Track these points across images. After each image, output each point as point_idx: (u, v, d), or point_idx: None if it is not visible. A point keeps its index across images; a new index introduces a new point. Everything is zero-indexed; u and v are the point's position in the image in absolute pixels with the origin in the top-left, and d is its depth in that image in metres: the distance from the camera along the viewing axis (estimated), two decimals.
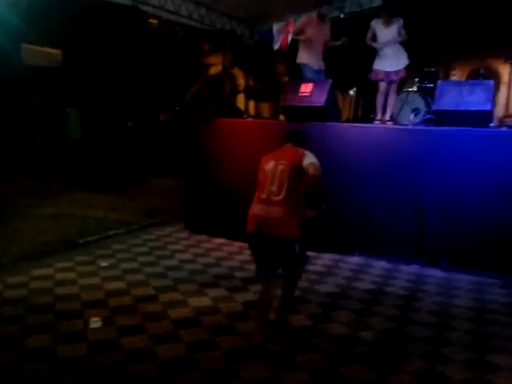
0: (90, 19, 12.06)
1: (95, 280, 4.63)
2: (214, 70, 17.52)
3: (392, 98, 6.55)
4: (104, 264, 5.09)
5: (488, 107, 5.06)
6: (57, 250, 5.47)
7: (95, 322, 3.68)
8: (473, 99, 5.09)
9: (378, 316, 4.01)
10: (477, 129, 5.09)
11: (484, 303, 4.37)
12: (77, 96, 13.26)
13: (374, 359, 3.28)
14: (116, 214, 7.26)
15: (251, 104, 20.90)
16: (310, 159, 3.43)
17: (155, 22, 15.25)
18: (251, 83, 18.59)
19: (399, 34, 6.23)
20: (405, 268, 5.30)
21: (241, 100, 19.38)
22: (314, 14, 6.56)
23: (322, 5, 6.46)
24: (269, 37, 10.33)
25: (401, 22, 6.25)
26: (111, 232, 6.31)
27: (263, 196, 3.36)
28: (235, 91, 18.43)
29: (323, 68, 6.72)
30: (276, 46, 7.15)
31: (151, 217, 7.20)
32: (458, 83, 6.63)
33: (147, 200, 8.34)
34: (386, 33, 6.27)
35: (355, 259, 5.58)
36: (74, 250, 5.56)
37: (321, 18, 6.50)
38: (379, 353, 3.39)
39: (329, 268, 5.27)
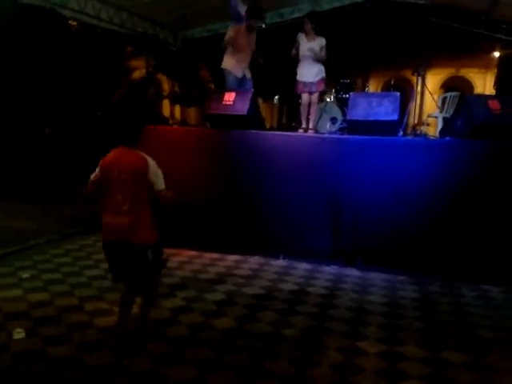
0: (6, 21, 11.47)
1: (17, 292, 4.48)
2: (137, 74, 17.25)
3: (314, 108, 6.90)
4: (25, 275, 4.92)
5: (395, 117, 5.52)
6: None
7: (18, 333, 3.59)
8: (381, 110, 5.53)
9: (301, 314, 4.25)
10: (384, 137, 5.54)
11: (395, 299, 4.75)
12: None
13: (296, 354, 3.50)
14: (37, 223, 7.01)
15: (177, 109, 20.82)
16: (155, 171, 3.40)
17: (75, 23, 14.78)
18: (176, 88, 18.50)
19: (320, 51, 6.56)
20: (325, 269, 5.63)
21: (166, 105, 19.22)
22: (243, 25, 6.77)
23: (253, 18, 6.68)
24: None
25: (323, 41, 6.59)
26: (32, 242, 6.09)
27: (111, 204, 3.35)
28: (160, 96, 18.27)
29: (249, 76, 6.90)
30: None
31: (74, 226, 7.02)
32: (368, 95, 7.12)
33: (71, 208, 8.11)
34: (308, 46, 6.58)
35: (280, 262, 5.83)
36: None
37: (249, 29, 6.72)
38: (301, 348, 3.61)
39: (255, 271, 5.46)
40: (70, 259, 5.64)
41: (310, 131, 6.79)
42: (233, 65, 6.72)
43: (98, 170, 3.46)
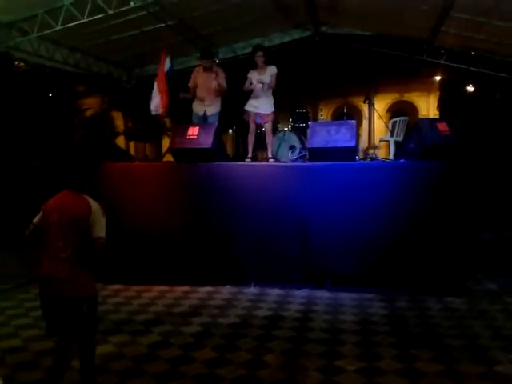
0: None
1: None
2: (90, 113, 17.14)
3: (269, 138, 7.12)
4: None
5: (352, 143, 5.82)
6: None
7: None
8: (339, 137, 5.83)
9: (278, 339, 4.34)
10: (344, 162, 5.83)
11: (367, 316, 4.93)
12: None
13: (279, 378, 3.58)
14: (2, 267, 6.78)
15: (132, 145, 20.70)
16: (98, 218, 3.20)
17: (22, 64, 14.62)
18: (130, 124, 18.47)
19: (271, 79, 6.80)
20: (296, 293, 5.76)
21: (121, 142, 19.09)
22: (201, 66, 7.13)
23: (203, 59, 7.04)
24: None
25: (274, 69, 6.85)
26: None
27: (50, 252, 3.16)
28: (114, 133, 18.16)
29: (212, 112, 7.11)
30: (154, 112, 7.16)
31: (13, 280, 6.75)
32: (326, 124, 7.44)
33: (35, 252, 7.86)
34: (258, 79, 6.83)
35: (252, 290, 5.91)
36: None
37: (205, 69, 7.00)
38: (281, 372, 3.69)
39: (228, 301, 5.52)
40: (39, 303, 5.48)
41: (270, 160, 6.99)
42: (195, 104, 7.10)
43: (41, 213, 3.31)
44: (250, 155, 7.15)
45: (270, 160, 6.98)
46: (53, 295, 3.10)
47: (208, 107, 7.05)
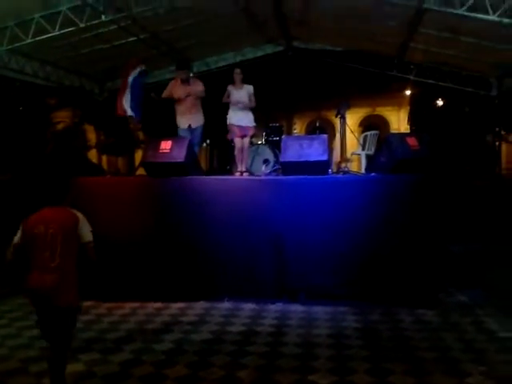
0: None
1: None
2: (61, 126, 16.90)
3: (246, 152, 7.14)
4: None
5: (325, 157, 5.88)
6: None
7: None
8: (312, 151, 5.88)
9: (252, 354, 4.30)
10: (317, 176, 5.87)
11: (340, 330, 4.93)
12: None
13: None
14: None
15: (104, 159, 20.44)
16: (85, 225, 3.41)
17: None
18: (102, 137, 18.27)
19: (249, 98, 6.88)
20: (270, 307, 5.72)
21: (93, 155, 18.86)
22: (178, 78, 7.11)
23: (179, 70, 7.06)
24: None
25: (251, 88, 6.93)
26: None
27: (38, 263, 3.24)
28: (86, 147, 17.94)
29: (197, 125, 7.13)
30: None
31: (7, 286, 6.63)
32: (298, 138, 7.51)
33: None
34: (237, 94, 6.89)
35: (225, 305, 5.84)
36: None
37: (182, 80, 6.99)
38: None
39: (201, 316, 5.44)
40: (6, 321, 5.36)
41: (244, 174, 7.00)
42: (178, 119, 7.11)
43: (19, 232, 3.33)
44: (239, 169, 7.10)
45: (244, 174, 6.99)
46: (42, 304, 3.22)
47: (192, 120, 7.06)
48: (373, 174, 6.27)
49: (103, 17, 7.70)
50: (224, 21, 9.28)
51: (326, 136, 6.09)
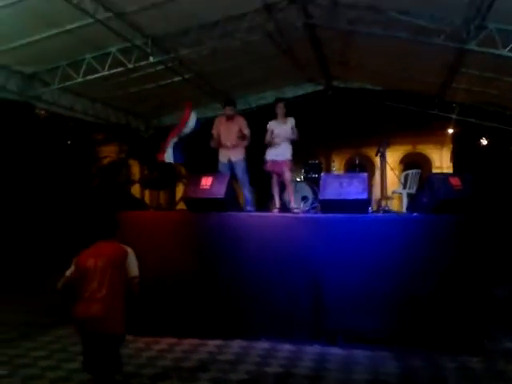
0: None
1: None
2: (107, 161, 17.54)
3: (290, 187, 7.08)
4: (2, 372, 4.71)
5: (364, 196, 5.81)
6: None
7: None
8: (351, 189, 5.83)
9: None
10: (357, 215, 5.81)
11: (380, 376, 4.75)
12: None
13: None
14: (11, 314, 6.75)
15: (147, 193, 20.96)
16: (133, 260, 3.61)
17: (42, 112, 15.13)
18: (146, 172, 18.79)
19: (292, 131, 6.90)
20: (308, 349, 5.57)
21: (136, 190, 19.39)
22: (223, 115, 7.27)
23: (226, 106, 7.20)
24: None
25: (293, 121, 6.96)
26: (4, 336, 5.86)
27: (86, 294, 3.43)
28: (130, 181, 18.48)
29: (237, 159, 7.16)
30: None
31: (50, 316, 6.79)
32: (338, 176, 7.49)
33: (44, 298, 7.83)
34: (280, 128, 6.92)
35: (262, 344, 5.73)
36: None
37: (227, 117, 7.15)
38: None
39: (237, 355, 5.37)
40: (47, 352, 5.45)
41: (295, 210, 6.95)
42: (220, 153, 7.21)
43: (73, 266, 3.53)
44: (277, 205, 7.08)
45: (295, 210, 6.92)
46: (87, 332, 3.37)
47: (232, 154, 7.15)
48: (415, 213, 6.15)
49: (151, 58, 8.07)
50: (266, 61, 9.55)
51: (366, 174, 6.06)
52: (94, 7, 6.46)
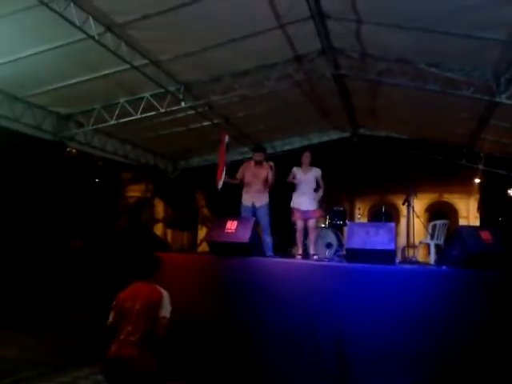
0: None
1: None
2: (133, 200, 17.81)
3: (312, 234, 7.11)
4: None
5: (391, 247, 5.69)
6: None
7: None
8: (378, 239, 5.72)
9: None
10: (384, 266, 5.68)
11: None
12: None
13: None
14: (27, 353, 6.72)
15: (169, 232, 21.10)
16: (167, 303, 3.65)
17: (74, 150, 15.59)
18: (170, 212, 18.98)
19: (317, 182, 6.98)
20: None
21: (159, 229, 19.54)
22: (252, 160, 7.34)
23: (256, 152, 7.28)
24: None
25: (319, 171, 7.05)
26: (21, 375, 5.80)
27: (120, 336, 3.44)
28: (154, 220, 18.67)
29: (261, 204, 7.18)
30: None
31: (66, 357, 6.74)
32: (364, 225, 7.42)
33: (63, 337, 7.82)
34: (304, 177, 7.02)
35: None
36: None
37: (256, 162, 7.23)
38: None
39: None
40: None
41: (314, 257, 6.93)
42: (244, 196, 7.25)
43: (112, 311, 3.59)
44: (300, 252, 7.13)
45: (314, 257, 6.91)
46: (119, 373, 3.35)
47: (257, 199, 7.18)
48: (444, 267, 5.99)
49: (183, 103, 8.31)
50: (293, 109, 9.71)
51: (393, 224, 5.97)
52: (130, 55, 6.75)
